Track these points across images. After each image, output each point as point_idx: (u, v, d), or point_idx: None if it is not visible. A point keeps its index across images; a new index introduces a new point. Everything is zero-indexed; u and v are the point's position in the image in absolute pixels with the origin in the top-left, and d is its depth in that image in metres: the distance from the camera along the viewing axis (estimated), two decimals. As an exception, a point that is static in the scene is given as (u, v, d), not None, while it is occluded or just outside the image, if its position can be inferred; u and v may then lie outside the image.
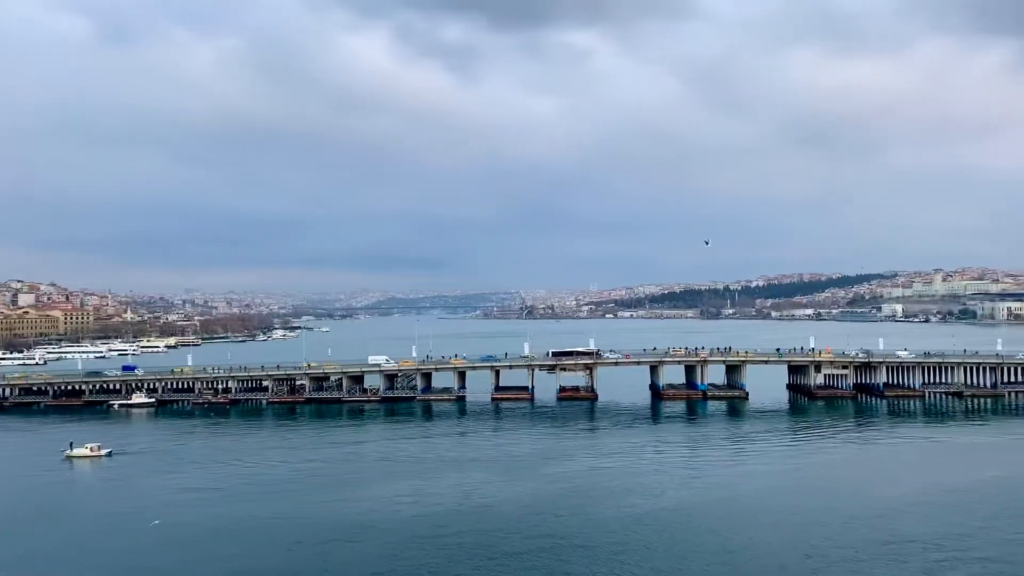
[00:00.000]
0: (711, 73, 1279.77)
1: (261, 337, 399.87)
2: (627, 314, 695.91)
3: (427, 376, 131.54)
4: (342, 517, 59.38)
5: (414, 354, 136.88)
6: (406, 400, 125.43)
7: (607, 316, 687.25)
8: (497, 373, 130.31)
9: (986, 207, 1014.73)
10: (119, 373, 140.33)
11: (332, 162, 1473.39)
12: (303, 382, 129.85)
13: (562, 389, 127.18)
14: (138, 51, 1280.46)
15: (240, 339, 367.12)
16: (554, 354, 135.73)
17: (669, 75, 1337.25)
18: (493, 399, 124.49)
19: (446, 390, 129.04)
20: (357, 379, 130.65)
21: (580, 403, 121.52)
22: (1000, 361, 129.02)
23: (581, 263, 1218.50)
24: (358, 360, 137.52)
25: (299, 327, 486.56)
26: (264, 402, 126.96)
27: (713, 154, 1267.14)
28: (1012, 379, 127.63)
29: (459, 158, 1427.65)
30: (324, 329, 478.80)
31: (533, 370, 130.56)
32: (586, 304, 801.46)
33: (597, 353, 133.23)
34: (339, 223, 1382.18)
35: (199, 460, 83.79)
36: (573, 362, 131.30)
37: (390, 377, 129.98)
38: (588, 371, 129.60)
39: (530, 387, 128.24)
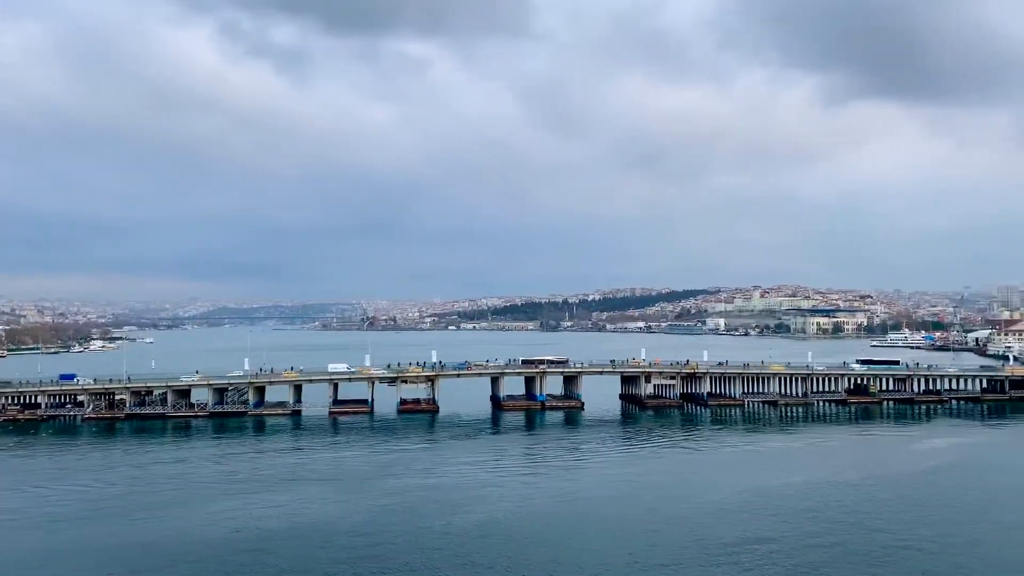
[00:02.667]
0: (547, 92, 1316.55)
1: (76, 348, 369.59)
2: (470, 326, 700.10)
3: (260, 390, 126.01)
4: (158, 541, 55.46)
5: (246, 367, 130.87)
6: (237, 415, 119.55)
7: (450, 328, 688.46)
8: (335, 386, 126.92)
9: (800, 229, 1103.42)
10: None
11: (155, 162, 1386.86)
12: (123, 396, 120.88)
13: (403, 402, 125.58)
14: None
15: (53, 350, 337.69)
16: (524, 362, 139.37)
17: (507, 91, 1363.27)
18: (331, 413, 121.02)
19: (280, 404, 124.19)
20: (183, 393, 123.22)
21: (421, 416, 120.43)
22: (810, 372, 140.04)
23: (424, 274, 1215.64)
24: (217, 371, 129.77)
25: (120, 338, 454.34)
26: (79, 418, 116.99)
27: (552, 171, 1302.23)
28: (820, 389, 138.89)
29: (293, 163, 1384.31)
30: (148, 340, 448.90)
31: (373, 383, 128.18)
32: (429, 316, 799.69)
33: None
34: (164, 227, 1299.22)
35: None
36: (414, 374, 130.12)
37: (220, 391, 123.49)
38: (429, 383, 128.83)
39: (370, 400, 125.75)
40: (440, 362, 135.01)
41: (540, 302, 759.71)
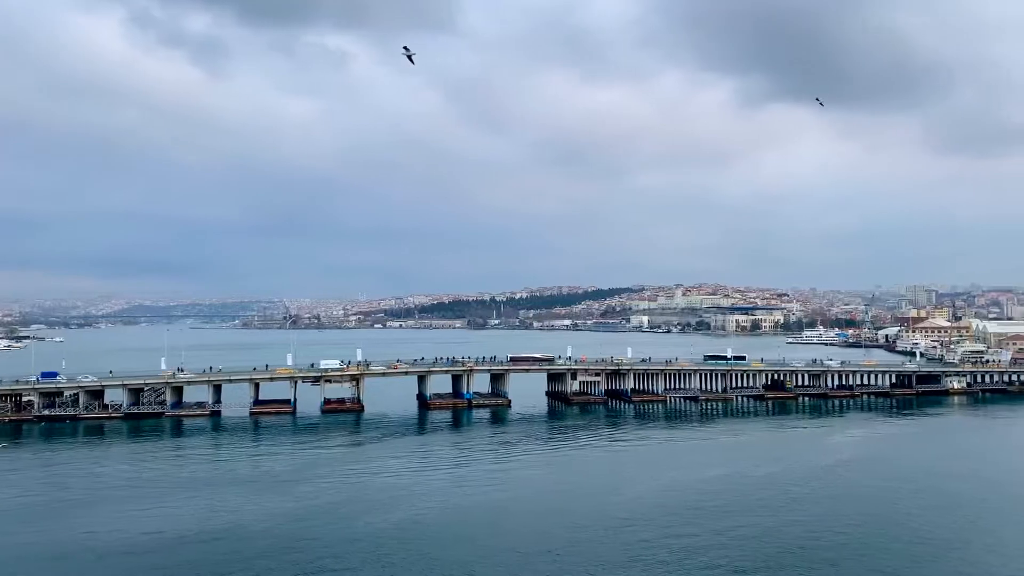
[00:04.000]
0: (472, 89, 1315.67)
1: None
2: (396, 324, 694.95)
3: (177, 390, 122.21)
4: (64, 547, 53.31)
5: (163, 367, 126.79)
6: (153, 416, 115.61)
7: (376, 326, 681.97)
8: (257, 386, 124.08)
9: (719, 228, 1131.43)
10: None
11: (61, 154, 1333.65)
12: (31, 398, 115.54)
13: (327, 401, 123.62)
14: None
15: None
16: (512, 359, 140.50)
17: (430, 87, 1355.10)
18: (252, 413, 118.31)
19: (199, 405, 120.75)
20: (96, 394, 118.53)
21: (345, 415, 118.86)
22: (729, 368, 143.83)
23: (349, 272, 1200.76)
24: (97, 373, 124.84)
25: (28, 336, 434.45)
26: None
27: (477, 168, 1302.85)
28: (739, 384, 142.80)
29: (209, 157, 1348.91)
30: (57, 339, 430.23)
31: (296, 382, 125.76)
32: (354, 314, 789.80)
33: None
34: (74, 222, 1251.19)
35: None
36: (339, 373, 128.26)
37: (135, 391, 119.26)
38: (354, 382, 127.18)
39: (292, 400, 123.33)
40: (366, 361, 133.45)
41: (468, 300, 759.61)
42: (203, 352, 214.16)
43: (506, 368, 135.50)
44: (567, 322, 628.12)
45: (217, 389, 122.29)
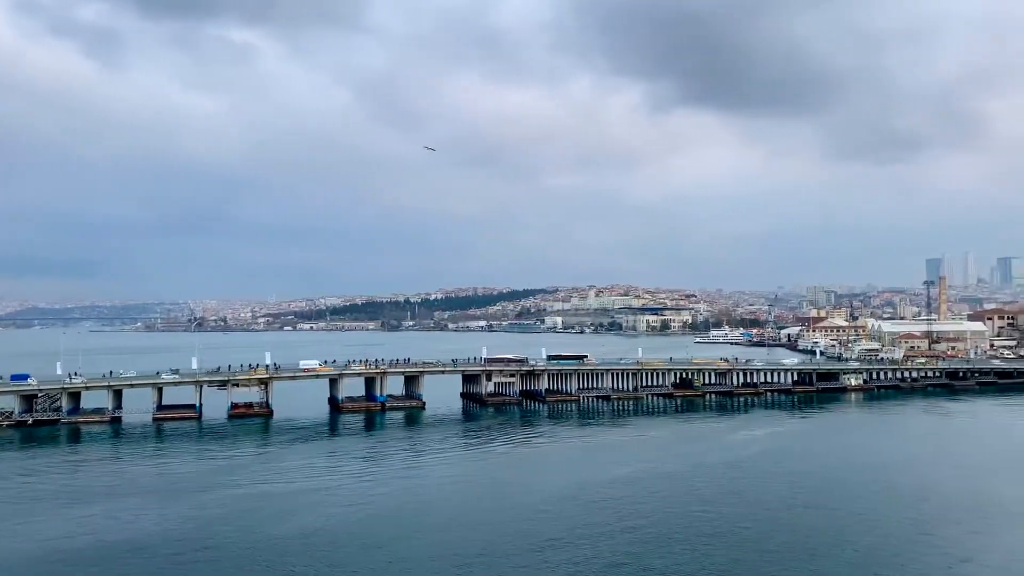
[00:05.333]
0: (382, 86, 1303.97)
1: None
2: (307, 326, 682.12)
3: (75, 396, 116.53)
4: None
5: (59, 371, 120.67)
6: (48, 424, 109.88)
7: (286, 328, 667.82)
8: (160, 391, 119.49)
9: (630, 230, 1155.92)
10: None
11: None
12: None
13: (234, 406, 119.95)
14: None
15: None
16: (487, 360, 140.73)
17: (339, 84, 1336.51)
18: (155, 419, 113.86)
19: (98, 411, 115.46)
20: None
21: (253, 420, 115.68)
22: (640, 367, 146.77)
23: (257, 272, 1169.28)
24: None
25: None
26: None
27: (390, 167, 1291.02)
28: (648, 383, 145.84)
29: (107, 152, 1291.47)
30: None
31: (201, 386, 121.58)
32: (263, 316, 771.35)
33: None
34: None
35: None
36: (247, 377, 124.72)
37: (27, 398, 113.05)
38: (263, 386, 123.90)
39: (197, 405, 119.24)
40: (275, 364, 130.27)
41: (381, 301, 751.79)
42: (103, 356, 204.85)
43: (420, 370, 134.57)
44: (482, 323, 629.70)
45: (117, 394, 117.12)
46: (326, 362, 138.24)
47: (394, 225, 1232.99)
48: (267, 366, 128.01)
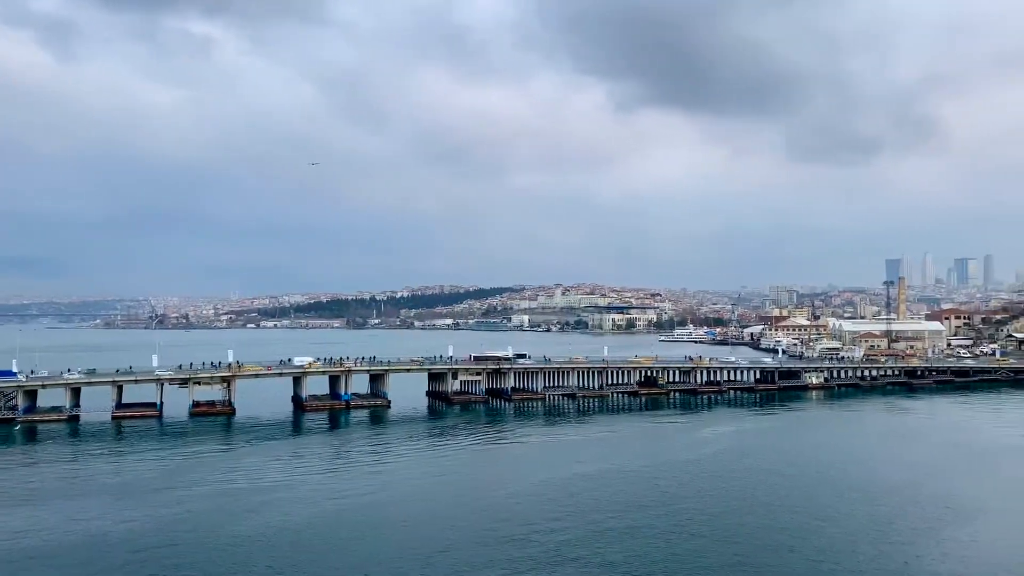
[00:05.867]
0: (347, 83, 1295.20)
1: None
2: (271, 324, 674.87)
3: (31, 394, 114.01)
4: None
5: (14, 368, 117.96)
6: (3, 423, 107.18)
7: (249, 326, 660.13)
8: (120, 389, 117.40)
9: (597, 229, 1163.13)
10: None
11: None
12: None
13: (196, 404, 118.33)
14: None
15: None
16: (476, 358, 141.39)
17: (304, 79, 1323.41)
18: (114, 417, 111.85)
19: (55, 409, 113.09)
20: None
21: (216, 419, 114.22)
22: (605, 366, 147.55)
23: (220, 270, 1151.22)
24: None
25: None
26: None
27: (356, 164, 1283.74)
28: (614, 381, 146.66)
29: (64, 146, 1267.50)
30: None
31: (162, 384, 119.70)
32: (226, 313, 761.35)
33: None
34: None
35: None
36: (209, 375, 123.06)
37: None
38: (225, 384, 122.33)
39: (158, 403, 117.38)
40: (238, 362, 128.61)
41: (347, 299, 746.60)
42: (60, 353, 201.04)
43: (385, 368, 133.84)
44: (448, 321, 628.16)
45: (76, 392, 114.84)
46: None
47: (360, 222, 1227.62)
48: (229, 364, 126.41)
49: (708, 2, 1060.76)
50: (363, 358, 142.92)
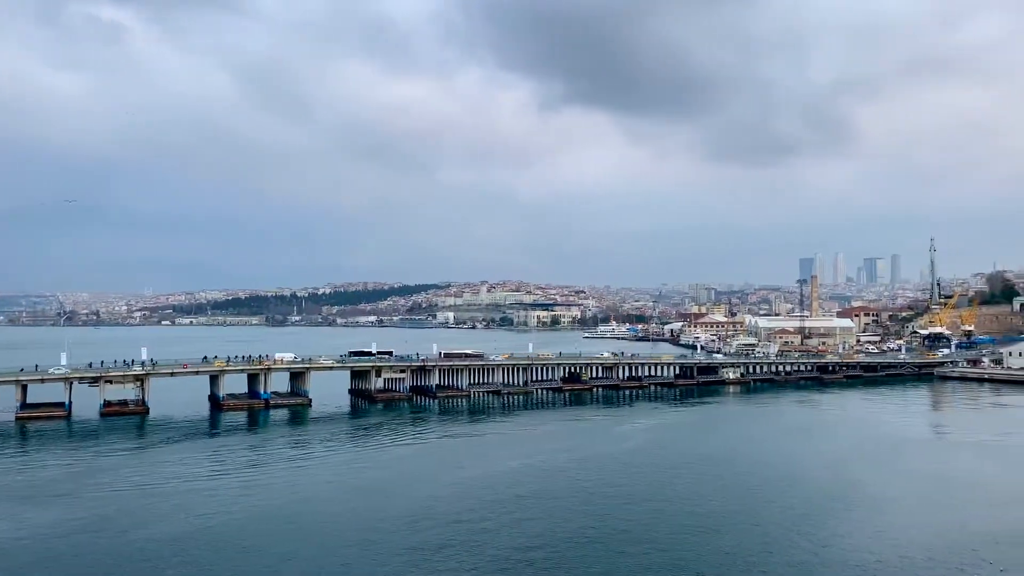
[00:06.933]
0: (266, 73, 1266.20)
1: None
2: (187, 321, 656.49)
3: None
4: None
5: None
6: None
7: (164, 323, 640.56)
8: (24, 388, 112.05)
9: (522, 226, 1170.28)
10: None
11: None
12: None
13: (107, 404, 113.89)
14: None
15: None
16: (446, 355, 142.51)
17: (220, 69, 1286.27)
18: (18, 418, 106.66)
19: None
20: None
21: (128, 419, 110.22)
22: (530, 362, 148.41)
23: (134, 265, 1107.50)
24: None
25: None
26: None
27: (275, 157, 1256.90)
28: (539, 377, 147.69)
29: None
30: None
31: (71, 383, 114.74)
32: (139, 310, 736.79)
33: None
34: None
35: None
36: (121, 373, 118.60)
37: None
38: (139, 383, 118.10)
39: (67, 403, 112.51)
40: (152, 360, 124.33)
41: (266, 296, 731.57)
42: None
43: (306, 366, 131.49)
44: (372, 318, 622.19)
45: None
46: (205, 358, 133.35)
47: (280, 217, 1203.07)
48: (143, 362, 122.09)
49: (631, 2, 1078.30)
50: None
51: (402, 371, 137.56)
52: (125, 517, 59.61)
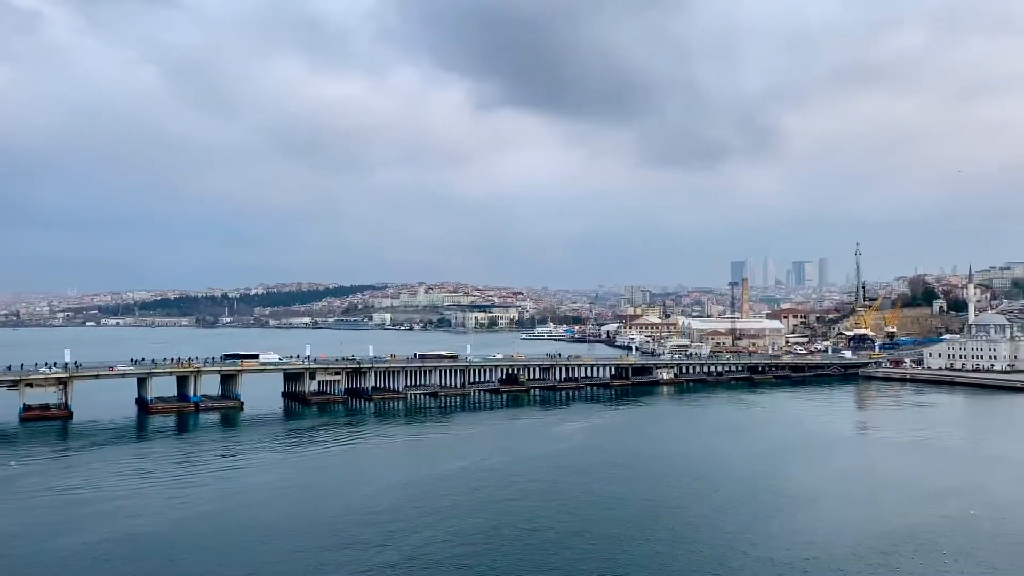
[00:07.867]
0: (194, 68, 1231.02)
1: None
2: (113, 322, 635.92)
3: None
4: None
5: None
6: None
7: (88, 324, 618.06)
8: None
9: (459, 227, 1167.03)
10: None
11: None
12: None
13: (27, 408, 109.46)
14: None
15: None
16: (420, 356, 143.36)
17: (145, 62, 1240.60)
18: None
19: None
20: None
21: (50, 423, 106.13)
22: (468, 364, 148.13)
23: (56, 264, 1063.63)
24: None
25: None
26: None
27: (204, 154, 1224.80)
28: (476, 379, 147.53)
29: None
30: None
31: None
32: (62, 310, 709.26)
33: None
34: None
35: None
36: (42, 376, 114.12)
37: None
38: (61, 386, 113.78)
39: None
40: (76, 362, 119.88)
41: (196, 296, 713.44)
42: None
43: (238, 369, 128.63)
44: (307, 320, 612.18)
45: None
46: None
47: (210, 216, 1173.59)
48: (66, 364, 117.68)
49: (566, 4, 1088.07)
50: (213, 358, 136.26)
51: (336, 373, 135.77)
52: (45, 526, 57.43)
